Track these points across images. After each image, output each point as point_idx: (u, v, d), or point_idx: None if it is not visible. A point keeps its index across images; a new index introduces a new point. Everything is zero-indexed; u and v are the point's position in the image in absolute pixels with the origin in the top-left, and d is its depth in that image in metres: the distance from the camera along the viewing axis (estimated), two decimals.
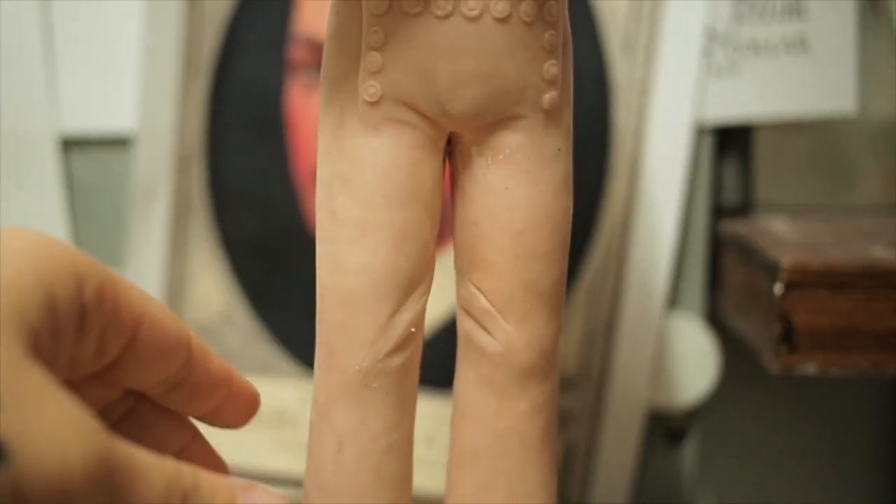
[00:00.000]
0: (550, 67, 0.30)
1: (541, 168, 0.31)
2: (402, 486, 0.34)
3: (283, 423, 0.56)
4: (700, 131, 0.53)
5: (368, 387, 0.32)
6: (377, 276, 0.31)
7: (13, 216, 0.55)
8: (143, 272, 0.55)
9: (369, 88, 0.30)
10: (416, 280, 0.32)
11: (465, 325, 0.33)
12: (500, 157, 0.31)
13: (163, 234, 0.55)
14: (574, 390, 0.55)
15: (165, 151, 0.55)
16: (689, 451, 0.58)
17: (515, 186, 0.31)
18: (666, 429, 0.57)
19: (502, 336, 0.32)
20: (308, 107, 0.54)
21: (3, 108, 0.54)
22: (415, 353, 0.33)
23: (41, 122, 0.55)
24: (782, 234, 0.49)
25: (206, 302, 0.56)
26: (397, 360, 0.32)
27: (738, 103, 0.52)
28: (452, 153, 0.32)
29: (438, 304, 0.34)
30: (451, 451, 0.34)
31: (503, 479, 0.33)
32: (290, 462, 0.55)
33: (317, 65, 0.54)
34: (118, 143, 0.55)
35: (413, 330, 0.32)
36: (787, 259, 0.42)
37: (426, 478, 0.37)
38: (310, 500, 0.34)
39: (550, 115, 0.31)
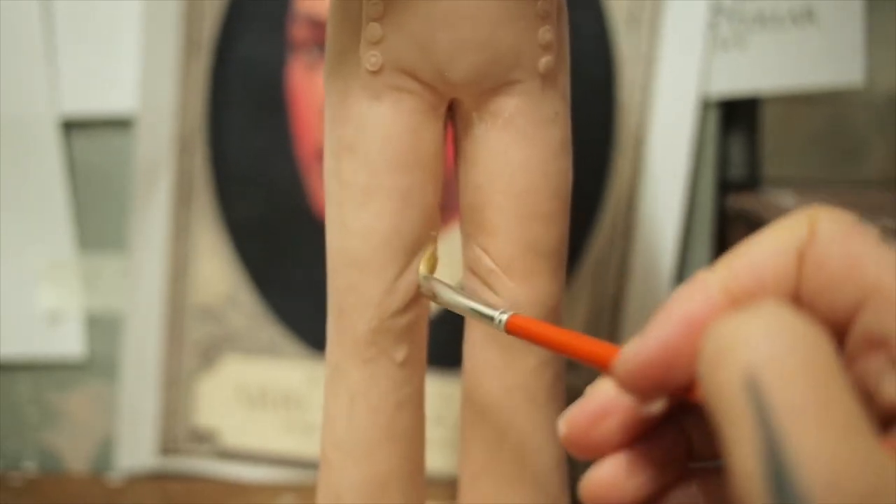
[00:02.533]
0: (545, 33, 0.31)
1: (539, 131, 0.32)
2: (414, 440, 0.36)
3: (288, 404, 0.56)
4: (706, 105, 0.54)
5: (377, 345, 0.33)
6: (382, 239, 0.32)
7: (15, 199, 0.56)
8: (146, 254, 0.56)
9: (371, 58, 0.31)
10: (421, 242, 0.33)
11: (471, 286, 0.35)
12: (500, 121, 0.32)
13: (166, 215, 0.55)
14: (580, 368, 0.55)
15: (167, 132, 0.55)
16: None
17: (515, 149, 0.32)
18: None
19: (507, 294, 0.34)
20: (310, 85, 0.55)
21: (4, 91, 0.55)
22: (422, 313, 0.35)
23: (41, 104, 0.55)
24: (790, 208, 0.49)
25: (211, 283, 0.56)
26: (404, 319, 0.34)
27: (745, 76, 0.53)
28: (454, 118, 0.34)
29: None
30: (462, 408, 0.36)
31: (513, 434, 0.35)
32: (297, 443, 0.56)
33: (318, 43, 0.55)
34: (119, 125, 0.56)
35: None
36: None
37: (435, 459, 0.38)
38: (326, 457, 0.36)
39: (546, 79, 0.32)
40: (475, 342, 0.35)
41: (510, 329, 0.28)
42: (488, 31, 0.30)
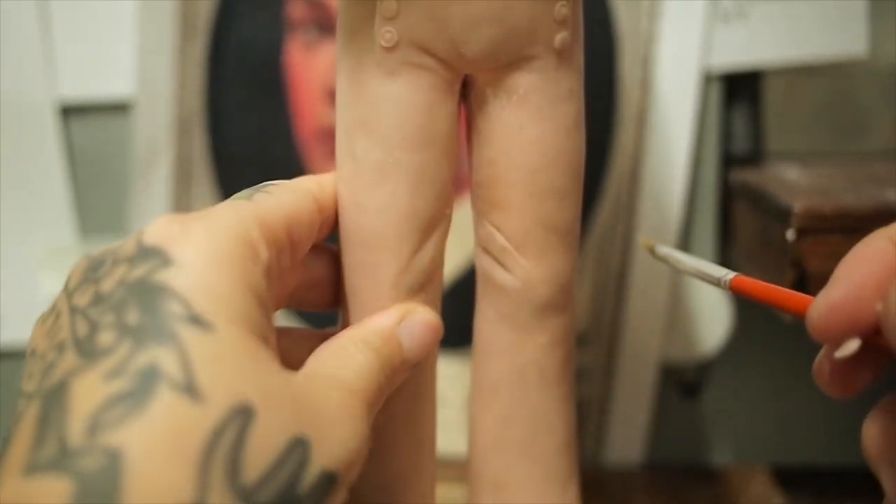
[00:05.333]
0: (561, 8, 0.31)
1: (554, 107, 0.32)
2: (426, 424, 0.35)
3: None
4: (708, 79, 0.53)
5: None
6: (398, 217, 0.32)
7: (14, 186, 0.56)
8: None
9: (385, 34, 0.31)
10: (436, 220, 0.33)
11: (483, 264, 0.35)
12: (515, 97, 0.32)
13: (165, 198, 0.55)
14: (586, 346, 0.55)
15: (165, 115, 0.55)
16: (704, 404, 0.58)
17: (529, 126, 0.32)
18: (680, 382, 0.58)
19: (520, 272, 0.34)
20: (308, 65, 0.55)
21: (1, 77, 0.54)
22: (436, 290, 0.35)
23: (39, 89, 0.55)
24: (794, 180, 0.49)
25: None
26: (419, 297, 0.34)
27: (747, 49, 0.53)
28: (468, 95, 0.34)
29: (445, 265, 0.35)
30: (473, 386, 0.36)
31: (524, 412, 0.35)
32: None
33: (316, 22, 0.54)
34: (117, 109, 0.56)
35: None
36: (799, 204, 0.42)
37: (440, 439, 0.38)
38: None
39: (562, 55, 0.32)
40: (487, 320, 0.35)
41: (734, 288, 0.32)
42: (503, 5, 0.30)
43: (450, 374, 0.55)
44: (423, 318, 0.32)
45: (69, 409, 0.23)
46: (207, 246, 0.26)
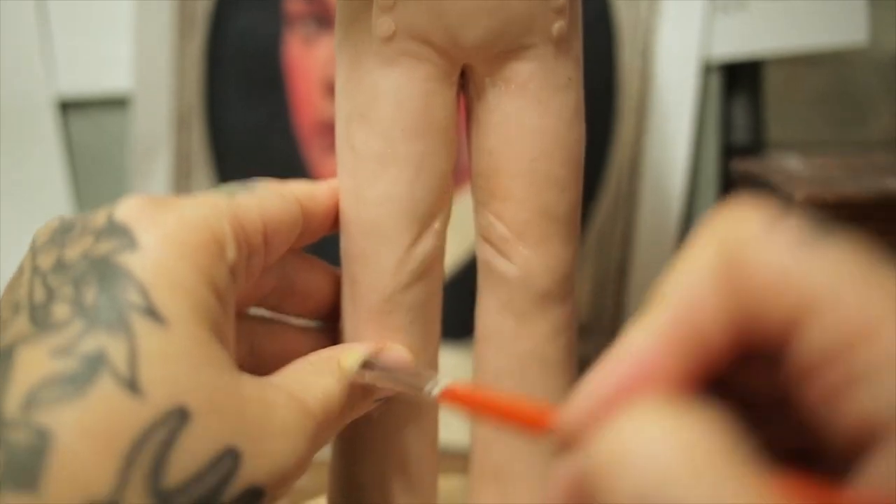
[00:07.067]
0: None
1: (552, 96, 0.33)
2: (427, 415, 0.36)
3: None
4: (708, 69, 0.53)
5: (392, 314, 0.33)
6: (398, 207, 0.32)
7: (14, 180, 0.56)
8: None
9: (383, 24, 0.31)
10: (435, 210, 0.33)
11: (484, 253, 0.35)
12: (513, 86, 0.32)
13: (165, 192, 0.55)
14: (587, 338, 0.55)
15: (164, 110, 0.55)
16: None
17: (528, 115, 0.32)
18: None
19: (521, 261, 0.34)
20: (307, 59, 0.55)
21: (0, 73, 0.54)
22: (436, 281, 0.35)
23: (38, 85, 0.55)
24: (795, 170, 0.49)
25: None
26: (419, 287, 0.34)
27: (747, 38, 0.53)
28: (466, 85, 0.34)
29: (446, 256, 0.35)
30: (475, 376, 0.36)
31: None
32: None
33: (314, 16, 0.54)
34: (116, 104, 0.56)
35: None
36: (800, 193, 0.42)
37: (441, 430, 0.38)
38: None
39: (560, 44, 0.32)
40: (488, 310, 0.35)
41: (443, 399, 0.28)
42: None
43: (451, 365, 0.54)
44: (397, 356, 0.32)
45: (11, 377, 0.23)
46: (175, 235, 0.26)
